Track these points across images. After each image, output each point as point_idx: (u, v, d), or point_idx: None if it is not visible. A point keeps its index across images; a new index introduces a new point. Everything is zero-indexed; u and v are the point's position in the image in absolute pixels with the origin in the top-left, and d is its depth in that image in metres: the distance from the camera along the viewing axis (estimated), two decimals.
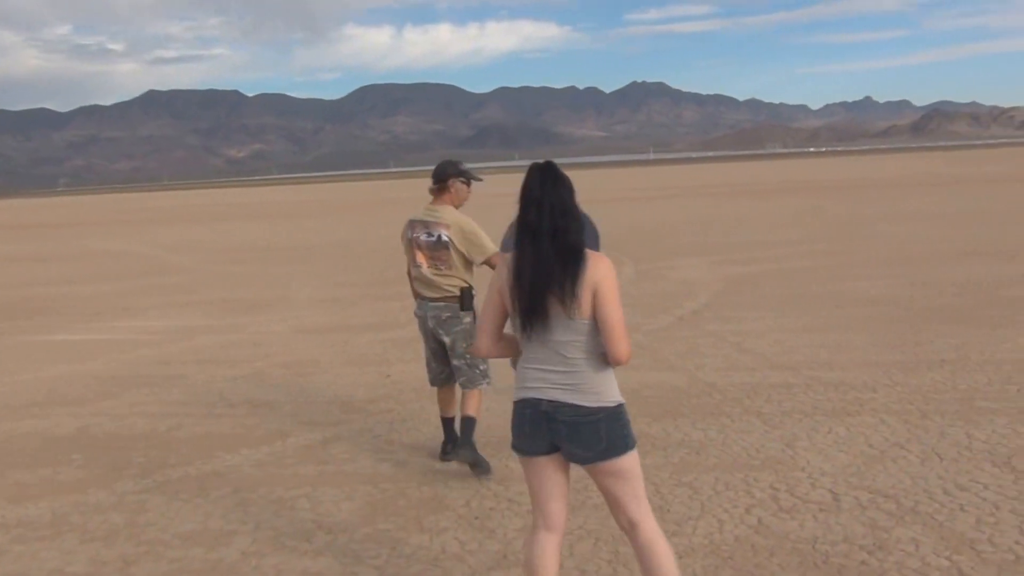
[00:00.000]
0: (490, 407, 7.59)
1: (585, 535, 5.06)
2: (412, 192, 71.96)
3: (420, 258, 6.22)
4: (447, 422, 6.55)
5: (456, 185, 6.30)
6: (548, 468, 3.66)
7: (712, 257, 17.57)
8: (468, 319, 6.17)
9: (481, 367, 6.26)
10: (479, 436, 6.36)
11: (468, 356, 6.18)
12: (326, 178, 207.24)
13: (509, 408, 7.39)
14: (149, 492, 6.16)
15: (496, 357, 3.78)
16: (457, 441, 6.32)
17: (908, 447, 6.18)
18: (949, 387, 7.58)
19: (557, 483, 3.70)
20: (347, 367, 9.68)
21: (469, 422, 6.26)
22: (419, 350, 9.66)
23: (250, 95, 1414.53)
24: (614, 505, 3.70)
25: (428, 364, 6.51)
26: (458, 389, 6.50)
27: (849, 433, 6.54)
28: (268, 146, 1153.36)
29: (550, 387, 3.53)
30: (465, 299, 6.17)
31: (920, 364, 8.39)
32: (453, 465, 6.35)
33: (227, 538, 5.32)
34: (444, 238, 6.12)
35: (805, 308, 11.62)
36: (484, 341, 3.70)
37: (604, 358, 3.52)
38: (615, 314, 3.46)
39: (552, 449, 3.61)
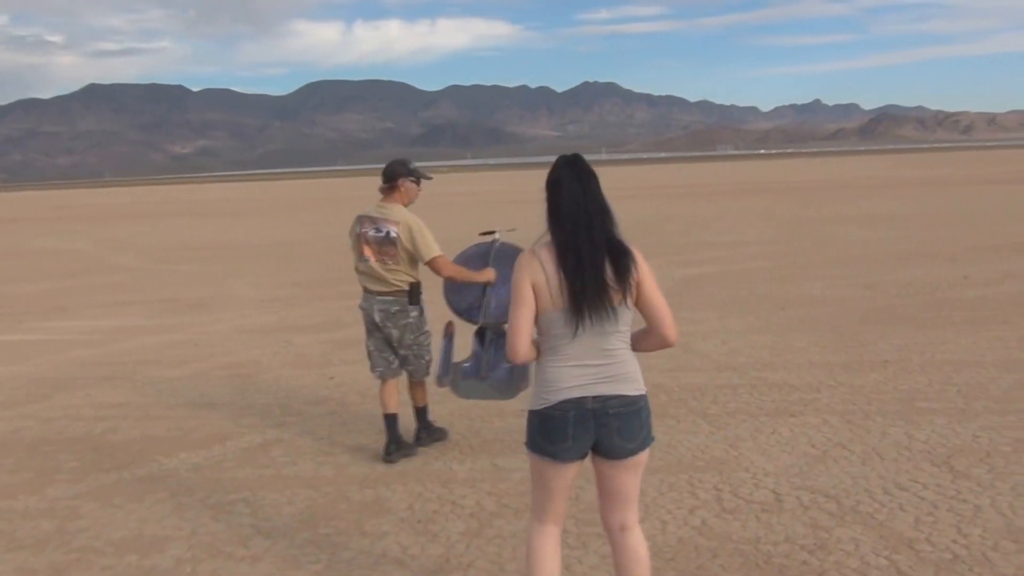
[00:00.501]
0: (435, 409, 7.54)
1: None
2: (361, 191, 71.44)
3: (367, 252, 6.35)
4: (390, 420, 6.51)
5: (406, 184, 6.46)
6: (574, 471, 3.61)
7: (661, 258, 17.63)
8: (415, 313, 6.39)
9: (427, 357, 6.53)
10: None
11: (415, 347, 6.45)
12: (273, 175, 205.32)
13: (446, 411, 7.38)
14: (81, 498, 6.00)
15: (529, 362, 3.59)
16: (418, 428, 6.71)
17: (850, 447, 6.23)
18: (891, 388, 7.65)
19: (572, 483, 3.69)
20: (289, 368, 9.54)
21: (422, 411, 6.73)
22: (363, 351, 9.58)
23: (194, 90, 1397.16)
24: (616, 502, 3.66)
25: (372, 356, 6.60)
26: (400, 385, 6.69)
27: (792, 433, 6.57)
28: (213, 142, 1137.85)
29: (593, 382, 3.47)
30: (413, 293, 6.36)
31: (863, 365, 8.46)
32: (396, 467, 6.28)
33: (162, 544, 5.19)
34: (392, 234, 6.27)
35: (751, 309, 11.70)
36: (524, 344, 3.49)
37: (633, 349, 3.59)
38: (662, 298, 3.54)
39: (587, 451, 3.56)
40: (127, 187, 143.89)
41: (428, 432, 6.73)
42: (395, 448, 6.47)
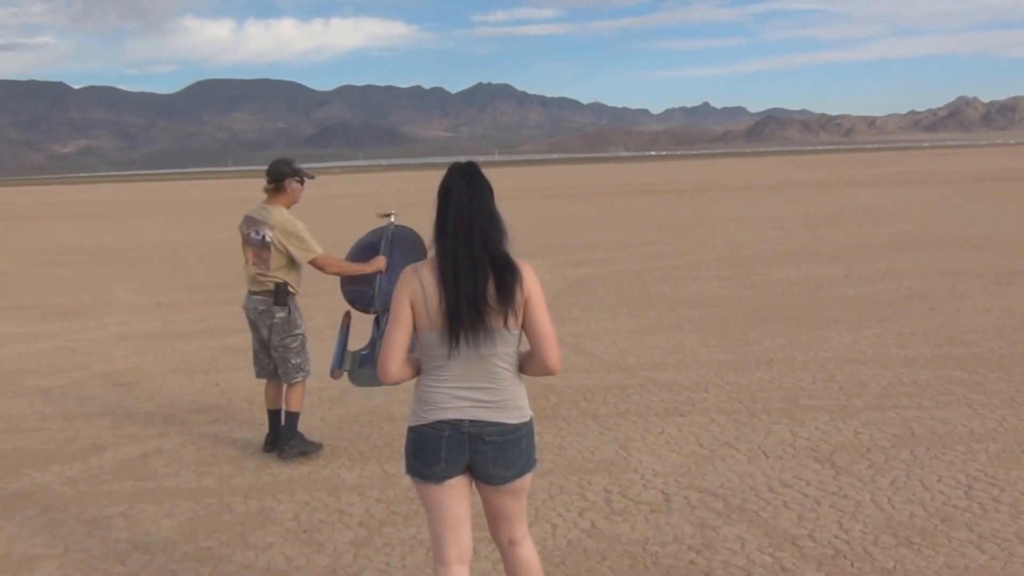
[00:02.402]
0: (324, 416, 7.42)
1: (417, 545, 4.95)
2: (251, 192, 69.86)
3: (247, 254, 6.46)
4: (272, 415, 6.69)
5: (292, 185, 6.51)
6: (460, 492, 3.41)
7: (552, 259, 17.73)
8: (281, 314, 6.40)
9: (294, 360, 6.46)
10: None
11: (281, 348, 6.44)
12: (158, 176, 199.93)
13: (336, 416, 7.26)
14: None
15: (401, 381, 3.44)
16: (281, 436, 6.52)
17: (736, 446, 6.32)
18: (776, 386, 7.81)
19: (466, 507, 3.45)
20: (172, 375, 9.24)
21: (292, 417, 6.51)
22: (251, 357, 9.36)
23: (76, 87, 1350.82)
24: (501, 522, 3.52)
25: (255, 356, 6.70)
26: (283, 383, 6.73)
27: (681, 433, 6.64)
28: (96, 142, 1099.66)
29: (473, 406, 3.30)
30: (279, 294, 6.38)
31: (749, 364, 8.63)
32: (282, 476, 6.13)
33: (31, 563, 4.94)
34: (267, 239, 6.32)
35: (641, 309, 11.83)
36: (394, 364, 3.32)
37: (519, 371, 3.41)
38: (549, 321, 3.35)
39: (463, 471, 3.38)
40: (3, 187, 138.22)
41: (293, 442, 6.46)
42: (272, 440, 6.64)
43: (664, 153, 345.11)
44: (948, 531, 4.84)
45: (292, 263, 6.35)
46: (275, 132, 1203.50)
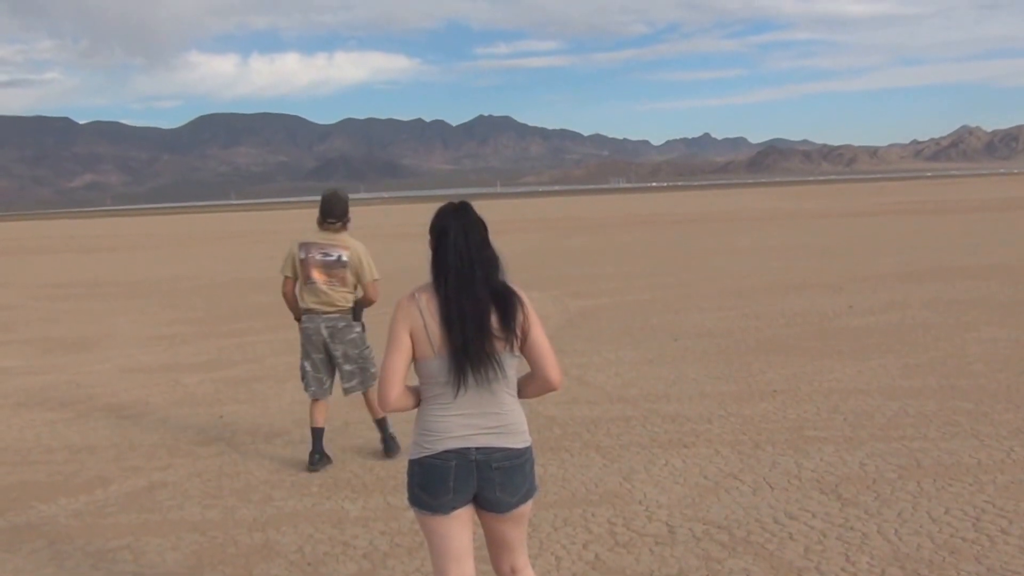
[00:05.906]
0: (327, 447, 7.41)
1: None
2: (253, 224, 70.17)
3: (316, 275, 6.84)
4: (316, 432, 6.99)
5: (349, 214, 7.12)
6: (465, 523, 3.44)
7: (555, 291, 17.74)
8: (359, 328, 6.94)
9: (372, 369, 6.95)
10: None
11: (361, 360, 6.95)
12: (162, 210, 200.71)
13: (337, 448, 7.24)
14: None
15: (399, 410, 3.48)
16: (383, 440, 7.17)
17: (741, 477, 6.31)
18: (780, 417, 7.80)
19: (470, 539, 3.48)
20: (176, 408, 9.24)
21: (382, 422, 7.17)
22: (254, 390, 9.38)
23: (82, 122, 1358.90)
24: (503, 550, 3.55)
25: (307, 377, 7.05)
26: (330, 402, 7.20)
27: (685, 465, 6.63)
28: (101, 176, 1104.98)
29: (478, 433, 3.34)
30: (357, 311, 6.93)
31: (753, 395, 8.62)
32: (286, 509, 6.13)
33: None
34: (344, 258, 6.84)
35: (644, 341, 11.83)
36: (395, 391, 3.36)
37: (519, 395, 3.49)
38: (546, 341, 3.45)
39: (469, 501, 3.41)
40: (9, 222, 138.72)
41: (391, 441, 7.17)
42: (319, 458, 6.95)
43: (665, 184, 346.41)
44: (956, 563, 4.82)
45: (355, 283, 6.90)
46: (277, 165, 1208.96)
